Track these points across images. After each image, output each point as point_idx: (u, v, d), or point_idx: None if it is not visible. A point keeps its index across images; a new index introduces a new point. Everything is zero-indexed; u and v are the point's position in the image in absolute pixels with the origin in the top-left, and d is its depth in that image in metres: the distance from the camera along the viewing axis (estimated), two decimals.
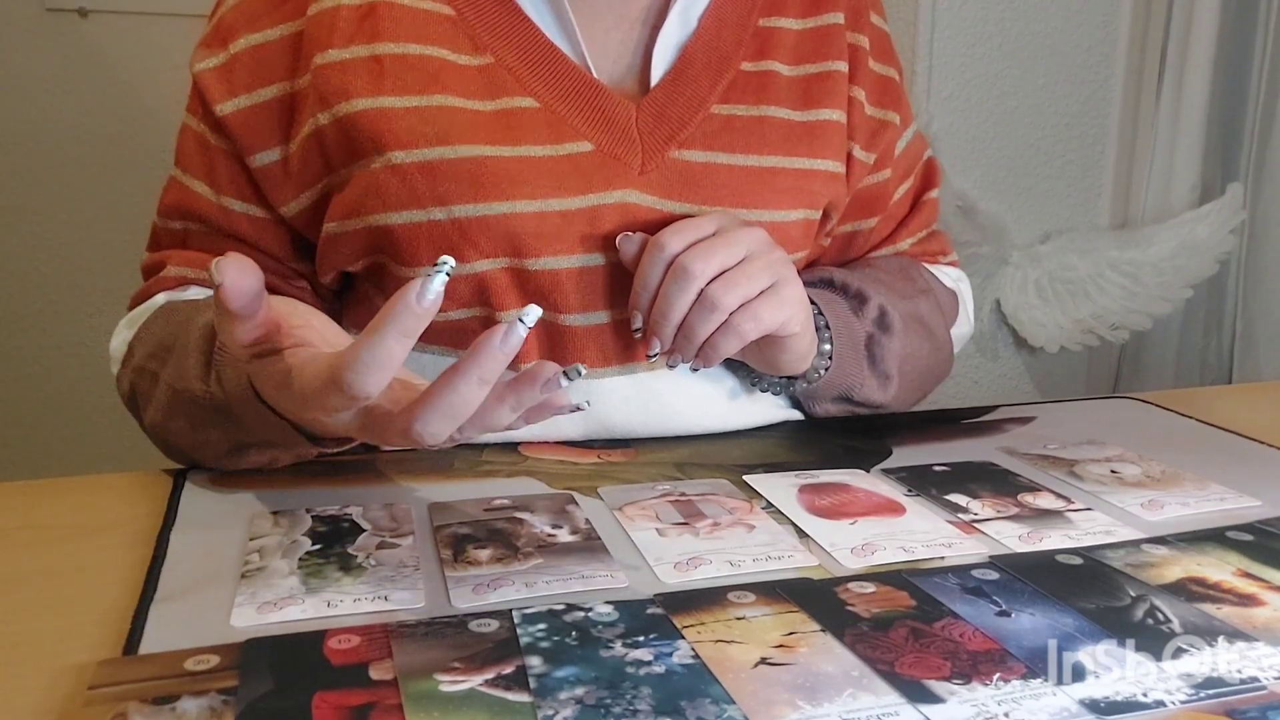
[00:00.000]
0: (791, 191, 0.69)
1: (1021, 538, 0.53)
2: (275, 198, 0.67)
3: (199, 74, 0.66)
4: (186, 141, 0.69)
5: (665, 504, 0.56)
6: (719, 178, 0.67)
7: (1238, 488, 0.60)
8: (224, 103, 0.65)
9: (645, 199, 0.66)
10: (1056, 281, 1.65)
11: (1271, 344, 1.58)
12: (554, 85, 0.66)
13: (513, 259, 0.64)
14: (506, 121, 0.64)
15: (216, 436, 0.57)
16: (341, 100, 0.63)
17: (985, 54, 1.60)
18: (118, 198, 1.72)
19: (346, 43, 0.63)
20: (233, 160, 0.67)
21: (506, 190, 0.63)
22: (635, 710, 0.37)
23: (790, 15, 0.72)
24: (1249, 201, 1.59)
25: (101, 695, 0.37)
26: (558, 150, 0.65)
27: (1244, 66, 1.59)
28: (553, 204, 0.64)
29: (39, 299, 1.77)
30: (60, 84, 1.71)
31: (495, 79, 0.65)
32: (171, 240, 0.70)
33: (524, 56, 0.66)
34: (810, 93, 0.71)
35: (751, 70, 0.70)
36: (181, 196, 0.69)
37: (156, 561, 0.48)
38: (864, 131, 0.74)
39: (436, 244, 0.63)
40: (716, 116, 0.68)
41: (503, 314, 0.65)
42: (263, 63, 0.65)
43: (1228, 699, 0.39)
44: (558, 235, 0.64)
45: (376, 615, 0.43)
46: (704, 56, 0.69)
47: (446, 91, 0.64)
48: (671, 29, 0.68)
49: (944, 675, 0.39)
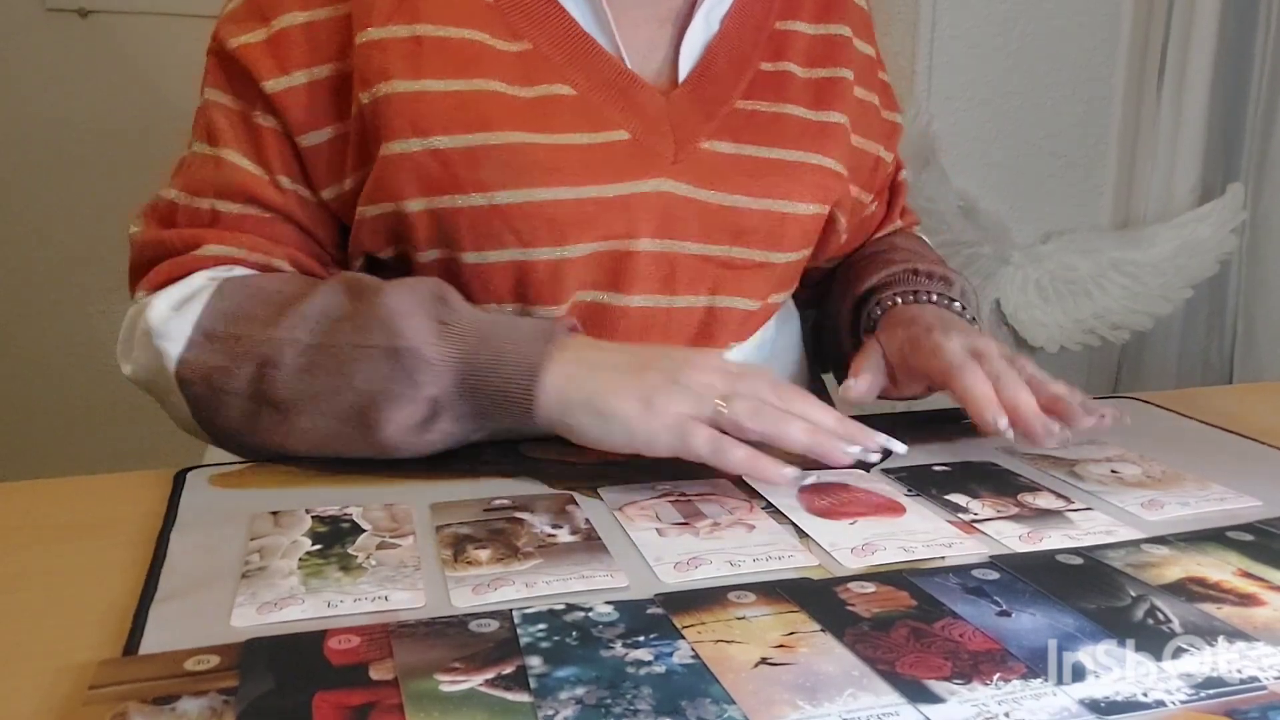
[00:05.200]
0: (809, 186, 0.72)
1: (1022, 537, 0.53)
2: (319, 179, 0.66)
3: (240, 48, 0.65)
4: (219, 118, 0.67)
5: (665, 504, 0.56)
6: (745, 169, 0.70)
7: (1238, 488, 0.60)
8: (275, 79, 0.64)
9: (679, 187, 0.68)
10: (1057, 281, 1.65)
11: (1272, 344, 1.58)
12: (590, 74, 0.67)
13: (551, 247, 0.65)
14: (545, 108, 0.65)
15: (408, 399, 0.58)
16: (381, 81, 0.63)
17: (986, 54, 1.60)
18: (118, 198, 1.71)
19: (385, 21, 0.64)
20: (281, 139, 0.66)
21: (547, 177, 0.64)
22: (635, 710, 0.37)
23: (804, 19, 0.76)
24: (1250, 201, 1.59)
25: (102, 695, 0.37)
26: (594, 138, 0.66)
27: (1245, 66, 1.59)
28: (590, 191, 0.65)
29: (39, 299, 1.77)
30: (60, 84, 1.71)
31: (533, 65, 0.66)
32: (196, 218, 0.67)
33: (560, 45, 0.67)
34: (821, 95, 0.74)
35: (770, 70, 0.73)
36: (220, 174, 0.66)
37: (156, 561, 0.48)
38: (883, 134, 0.79)
39: (476, 230, 0.64)
40: (741, 111, 0.71)
41: (540, 309, 0.66)
42: (315, 41, 0.65)
43: (1228, 699, 0.38)
44: (593, 222, 0.66)
45: (377, 615, 0.43)
46: (727, 56, 0.72)
47: (487, 76, 0.64)
48: (697, 29, 0.71)
49: (944, 675, 0.39)
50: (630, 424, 0.56)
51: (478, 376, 0.58)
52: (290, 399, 0.59)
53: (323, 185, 0.67)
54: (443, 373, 0.58)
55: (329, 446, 0.60)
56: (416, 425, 0.58)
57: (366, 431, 0.58)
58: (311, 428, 0.59)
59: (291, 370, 0.59)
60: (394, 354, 0.58)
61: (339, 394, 0.58)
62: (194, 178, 0.67)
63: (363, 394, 0.58)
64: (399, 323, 0.58)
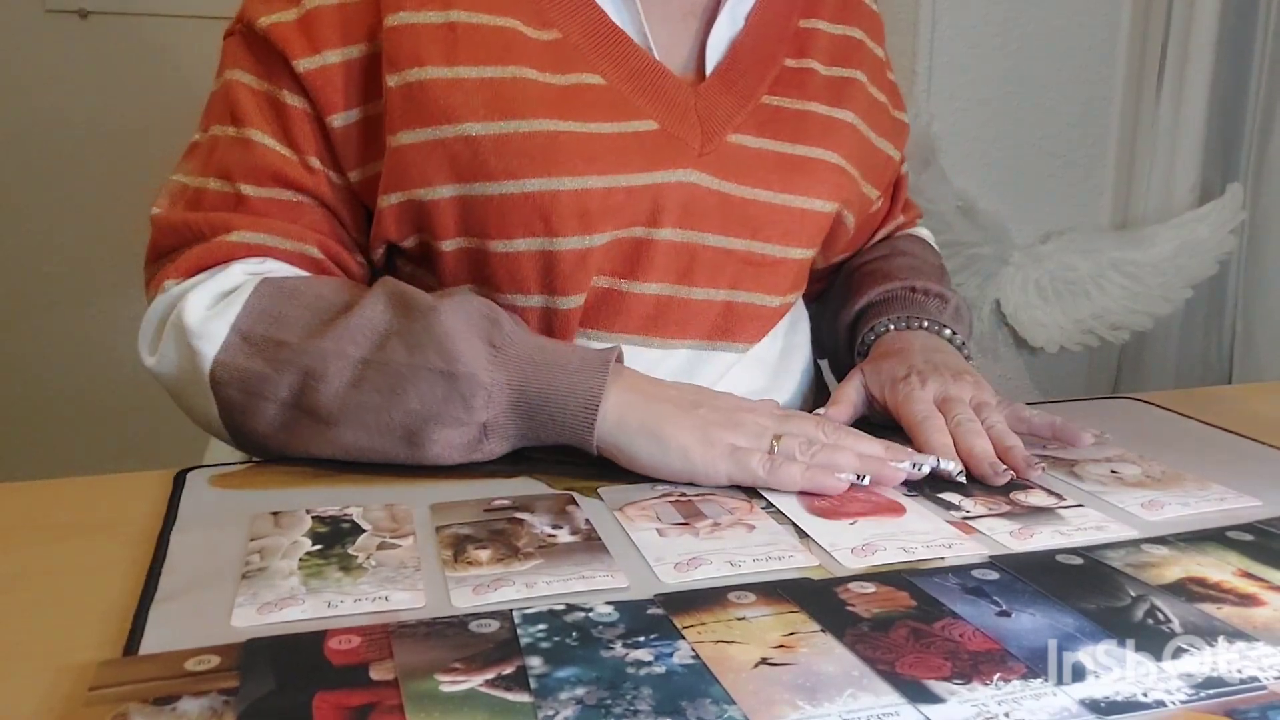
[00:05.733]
0: (827, 183, 0.73)
1: (1013, 534, 0.53)
2: (348, 161, 0.66)
3: (271, 27, 0.64)
4: (245, 99, 0.66)
5: (665, 504, 0.56)
6: (770, 163, 0.71)
7: (1238, 488, 0.60)
8: (307, 58, 0.64)
9: (705, 179, 0.69)
10: (1057, 281, 1.65)
11: (1272, 344, 1.58)
12: (620, 64, 0.67)
13: (580, 235, 0.65)
14: (575, 97, 0.65)
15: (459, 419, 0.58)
16: (413, 65, 0.63)
17: (985, 54, 1.60)
18: (119, 198, 1.72)
19: (420, 6, 0.64)
20: (310, 120, 0.65)
21: (579, 166, 0.64)
22: (636, 710, 0.37)
23: (824, 18, 0.77)
24: (1249, 201, 1.59)
25: (102, 695, 0.37)
26: (624, 128, 0.66)
27: (1244, 66, 1.58)
28: (620, 180, 0.66)
29: (40, 299, 1.77)
30: (60, 85, 1.71)
31: (564, 54, 0.66)
32: (222, 202, 0.66)
33: (590, 35, 0.67)
34: (837, 93, 0.75)
35: (794, 67, 0.74)
36: (248, 155, 0.65)
37: (156, 561, 0.48)
38: (893, 133, 0.80)
39: (505, 217, 0.65)
40: (766, 107, 0.72)
41: (563, 298, 0.67)
42: (348, 21, 0.64)
43: (1228, 699, 0.39)
44: (620, 211, 0.66)
45: (377, 615, 0.43)
46: (752, 52, 0.73)
47: (520, 63, 0.64)
48: (723, 24, 0.72)
49: (944, 675, 0.39)
50: (689, 453, 0.58)
51: (531, 403, 0.59)
52: (335, 412, 0.59)
53: (351, 167, 0.66)
54: (497, 399, 0.58)
55: (367, 456, 0.60)
56: (464, 445, 0.59)
57: (414, 449, 0.59)
58: (354, 440, 0.59)
59: (339, 384, 0.59)
60: (451, 378, 0.58)
61: (388, 411, 0.58)
62: (218, 159, 0.66)
63: (414, 414, 0.58)
64: (453, 344, 0.58)
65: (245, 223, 0.65)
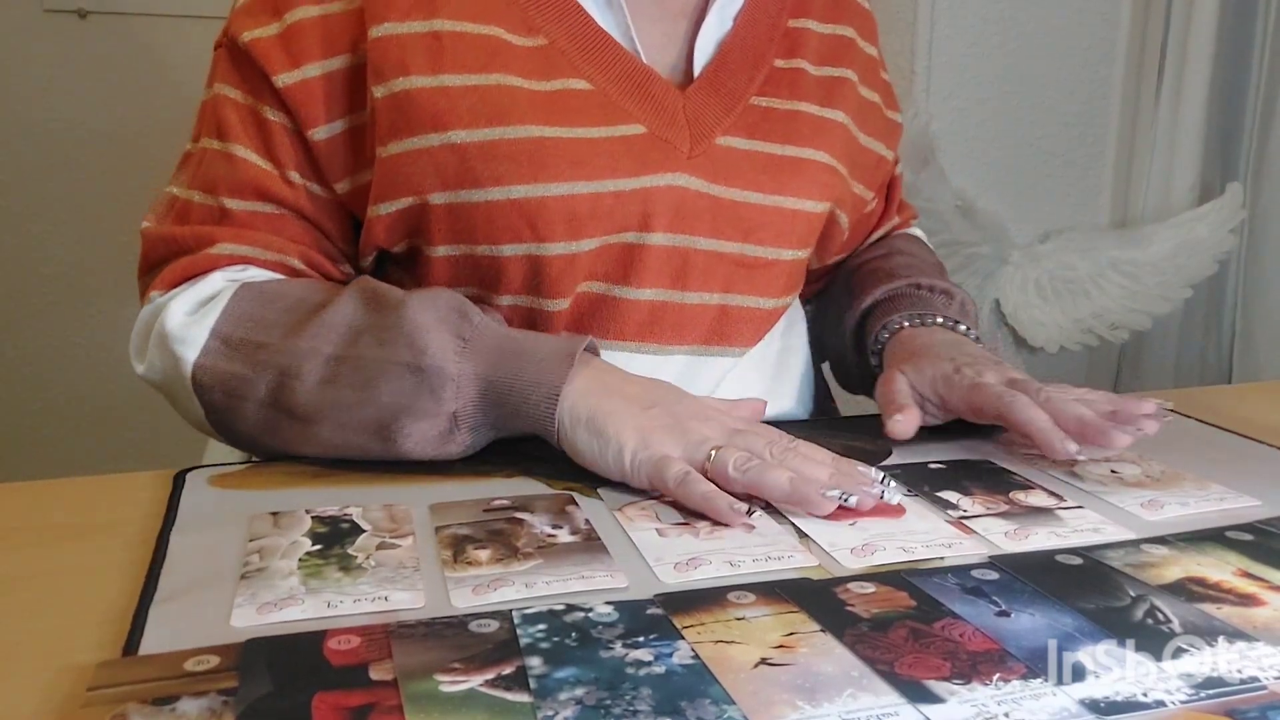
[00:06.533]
0: (818, 184, 0.73)
1: (1008, 534, 0.53)
2: (332, 174, 0.66)
3: (252, 43, 0.65)
4: (229, 113, 0.66)
5: (665, 504, 0.56)
6: (760, 164, 0.71)
7: (1237, 487, 0.60)
8: (287, 73, 0.64)
9: (694, 182, 0.69)
10: (1056, 281, 1.65)
11: (1271, 344, 1.58)
12: (606, 69, 0.67)
13: (567, 241, 0.65)
14: (562, 102, 0.65)
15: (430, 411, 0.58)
16: (399, 75, 0.63)
17: (985, 54, 1.60)
18: (117, 199, 1.73)
19: (404, 17, 0.64)
20: (290, 134, 0.66)
21: (566, 171, 0.64)
22: (635, 711, 0.37)
23: (814, 17, 0.77)
24: (1249, 201, 1.59)
25: (101, 696, 0.37)
26: (611, 132, 0.66)
27: (1243, 65, 1.58)
28: (608, 185, 0.66)
29: (39, 299, 1.77)
30: (59, 85, 1.71)
31: (550, 60, 0.66)
32: (207, 215, 0.67)
33: (576, 40, 0.67)
34: (828, 93, 0.75)
35: (784, 67, 0.74)
36: (231, 169, 0.66)
37: (156, 561, 0.48)
38: (885, 133, 0.80)
39: (493, 224, 0.65)
40: (756, 108, 0.72)
41: (549, 301, 0.67)
42: (329, 34, 0.65)
43: (1228, 699, 0.39)
44: (609, 215, 0.66)
45: (376, 616, 0.43)
46: (741, 53, 0.72)
47: (505, 70, 0.64)
48: (711, 25, 0.71)
49: (944, 675, 0.39)
50: (622, 454, 0.56)
51: (499, 393, 0.58)
52: (311, 409, 0.59)
53: (337, 179, 0.67)
54: (466, 389, 0.58)
55: (346, 453, 0.61)
56: (436, 437, 0.59)
57: (387, 444, 0.59)
58: (331, 437, 0.60)
59: (313, 381, 0.59)
60: (418, 370, 0.58)
61: (361, 407, 0.59)
62: (204, 173, 0.67)
63: (385, 408, 0.58)
64: (421, 337, 0.58)
65: (229, 235, 0.66)
